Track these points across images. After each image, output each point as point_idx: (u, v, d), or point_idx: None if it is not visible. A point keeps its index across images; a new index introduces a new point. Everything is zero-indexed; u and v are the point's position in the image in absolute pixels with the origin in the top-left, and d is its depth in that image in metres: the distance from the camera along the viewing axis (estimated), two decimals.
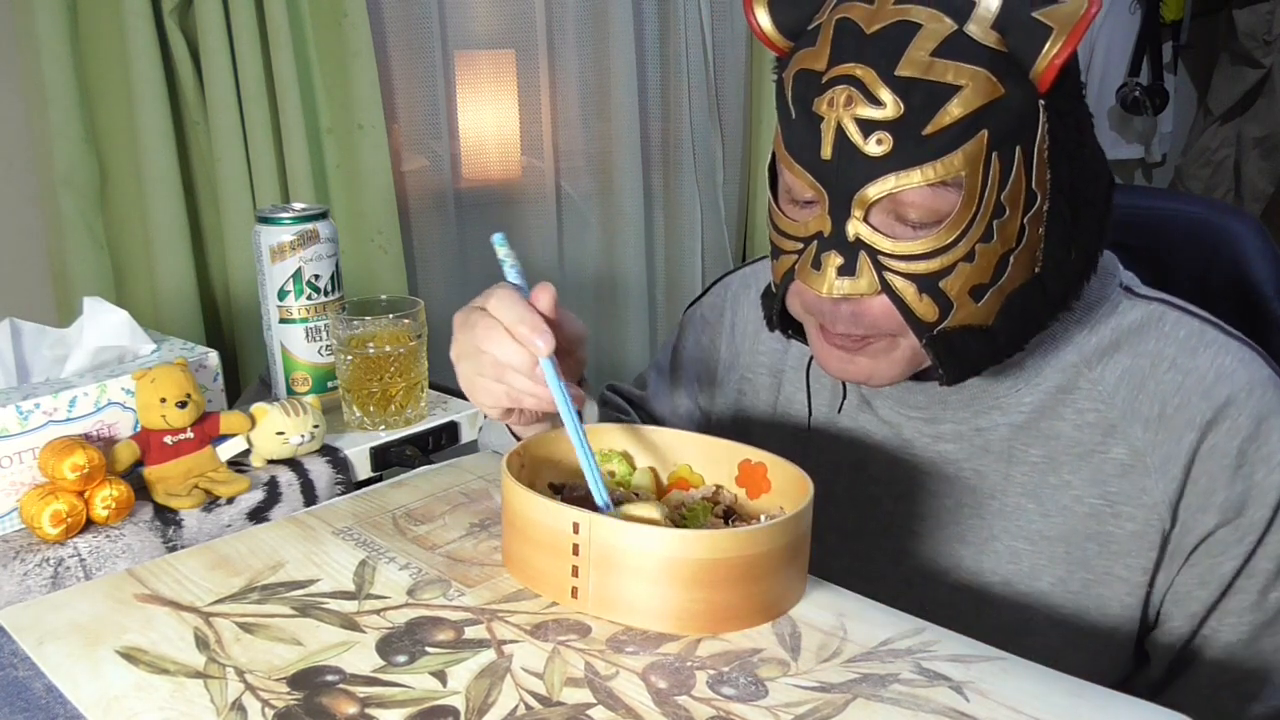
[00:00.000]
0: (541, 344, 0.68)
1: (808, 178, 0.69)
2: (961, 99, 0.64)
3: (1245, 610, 0.73)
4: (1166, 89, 2.70)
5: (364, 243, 1.59)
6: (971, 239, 0.66)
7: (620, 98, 1.86)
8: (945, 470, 0.80)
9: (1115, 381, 0.75)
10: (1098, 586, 0.76)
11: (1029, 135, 0.66)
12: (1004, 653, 0.58)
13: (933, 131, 0.64)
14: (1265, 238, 0.98)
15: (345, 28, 1.50)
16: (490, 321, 0.70)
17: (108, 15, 1.36)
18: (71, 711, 0.54)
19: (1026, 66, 0.65)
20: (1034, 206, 0.68)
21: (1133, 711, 0.53)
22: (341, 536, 0.71)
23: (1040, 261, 0.69)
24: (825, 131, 0.67)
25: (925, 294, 0.68)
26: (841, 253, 0.68)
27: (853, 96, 0.65)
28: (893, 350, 0.72)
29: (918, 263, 0.67)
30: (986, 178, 0.65)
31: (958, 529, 0.79)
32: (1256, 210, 2.78)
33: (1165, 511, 0.73)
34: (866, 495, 0.83)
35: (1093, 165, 0.71)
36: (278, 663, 0.57)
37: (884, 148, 0.65)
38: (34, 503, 0.76)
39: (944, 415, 0.79)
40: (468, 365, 0.73)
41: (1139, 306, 0.77)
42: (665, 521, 0.62)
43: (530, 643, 0.58)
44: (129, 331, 0.89)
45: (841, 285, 0.68)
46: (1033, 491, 0.77)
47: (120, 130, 1.41)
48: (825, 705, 0.53)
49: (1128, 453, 0.74)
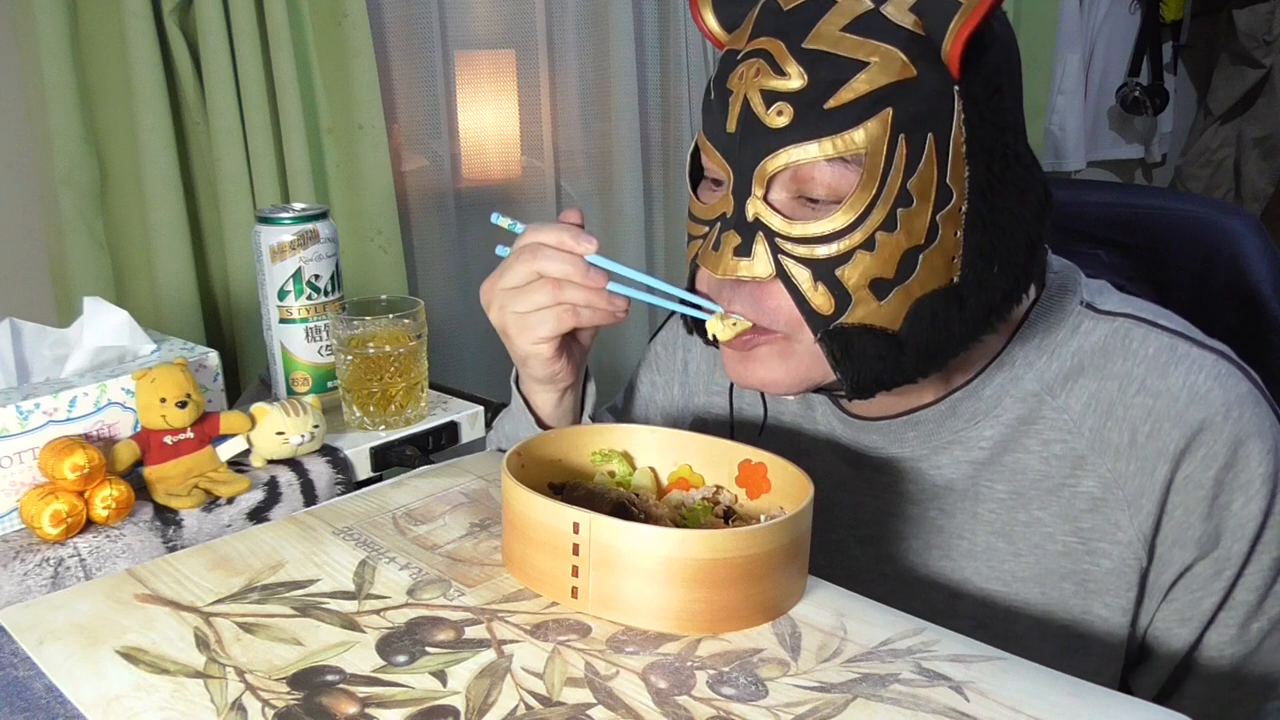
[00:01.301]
0: (589, 243, 0.72)
1: (715, 154, 0.68)
2: (868, 75, 0.63)
3: (1226, 644, 0.72)
4: (1166, 89, 2.70)
5: (364, 243, 1.59)
6: (871, 224, 0.64)
7: (620, 98, 1.86)
8: (909, 511, 0.77)
9: (1081, 409, 0.72)
10: (1077, 628, 0.73)
11: (942, 124, 0.64)
12: (1004, 653, 0.58)
13: (835, 105, 0.63)
14: (1265, 238, 0.98)
15: (345, 28, 1.50)
16: (533, 246, 0.73)
17: (108, 15, 1.36)
18: (71, 711, 0.54)
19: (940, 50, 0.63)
20: (948, 204, 0.65)
21: (1133, 712, 0.53)
22: (341, 536, 0.71)
23: (958, 270, 0.66)
24: (732, 105, 0.66)
25: (821, 283, 0.65)
26: (739, 232, 0.67)
27: (761, 69, 0.65)
28: (789, 356, 0.69)
29: (815, 246, 0.65)
30: (890, 160, 0.63)
31: (927, 572, 0.77)
32: (1256, 210, 2.78)
33: (1141, 549, 0.70)
34: (832, 540, 0.81)
35: (1020, 175, 0.67)
36: (278, 663, 0.57)
37: (785, 119, 0.64)
38: (34, 503, 0.76)
39: (902, 454, 0.77)
40: (517, 304, 0.75)
41: (1102, 325, 0.73)
42: (666, 521, 0.62)
43: (530, 643, 0.58)
44: (129, 331, 0.89)
45: (736, 266, 0.67)
46: (1002, 530, 0.74)
47: (120, 130, 1.41)
48: (825, 705, 0.53)
49: (1098, 485, 0.71)
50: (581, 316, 0.74)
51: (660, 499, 0.71)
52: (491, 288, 0.76)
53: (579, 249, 0.72)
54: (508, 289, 0.75)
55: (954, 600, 0.76)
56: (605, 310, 0.74)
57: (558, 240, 0.73)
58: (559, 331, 0.75)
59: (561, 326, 0.75)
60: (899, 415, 0.77)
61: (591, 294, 0.73)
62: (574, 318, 0.74)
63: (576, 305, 0.74)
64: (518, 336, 0.77)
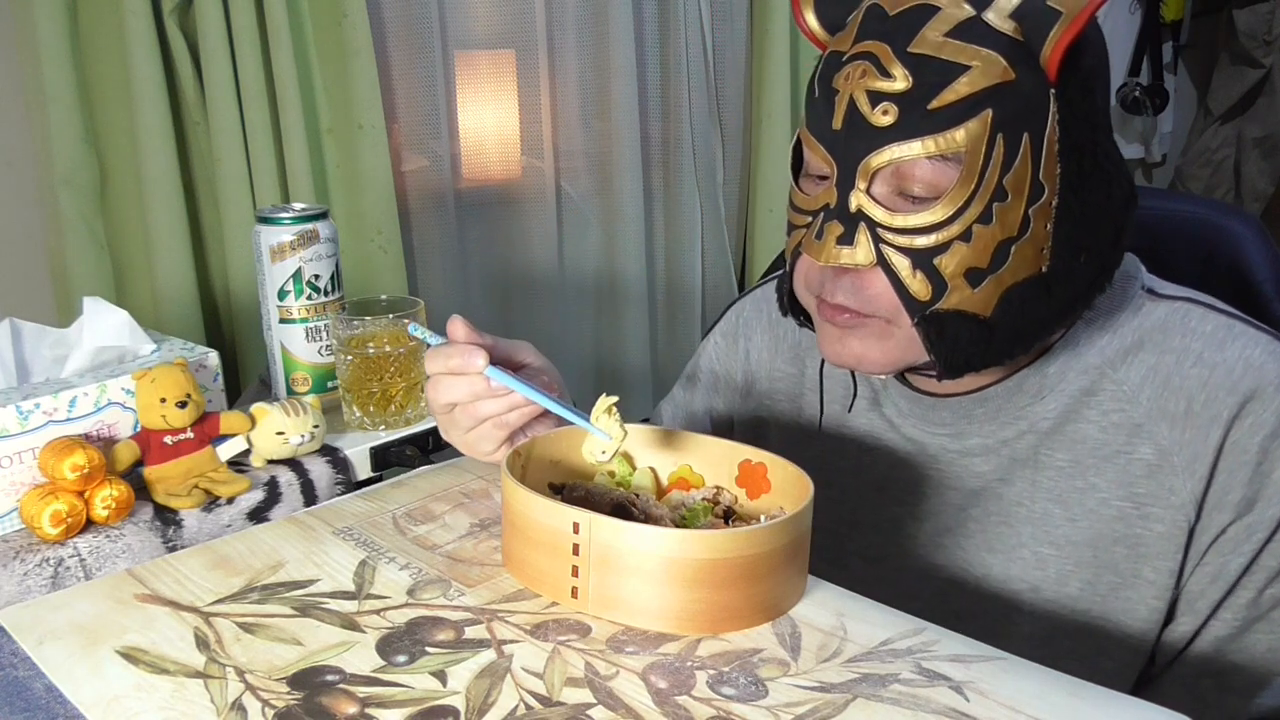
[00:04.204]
0: (476, 360, 0.72)
1: (820, 150, 0.71)
2: (969, 78, 0.66)
3: (1242, 607, 0.73)
4: (1166, 89, 2.70)
5: (364, 243, 1.59)
6: (969, 218, 0.67)
7: (620, 98, 1.86)
8: (972, 484, 0.79)
9: (1140, 380, 0.75)
10: (1126, 590, 0.75)
11: (1038, 123, 0.67)
12: (1004, 653, 0.58)
13: (938, 106, 0.66)
14: (1265, 237, 0.97)
15: (345, 28, 1.50)
16: (434, 380, 0.75)
17: (108, 15, 1.37)
18: (71, 711, 0.54)
19: (1039, 54, 0.66)
20: (1040, 198, 0.68)
21: (1133, 711, 0.53)
22: (341, 536, 0.71)
23: (1047, 260, 0.69)
24: (839, 104, 0.69)
25: (920, 270, 0.68)
26: (842, 222, 0.69)
27: (867, 71, 0.68)
28: (887, 337, 0.72)
29: (914, 237, 0.68)
30: (989, 158, 0.66)
31: (985, 538, 0.79)
32: (1256, 210, 2.78)
33: (1192, 511, 0.72)
34: (889, 517, 0.83)
35: (1109, 171, 0.71)
36: (278, 663, 0.57)
37: (889, 118, 0.67)
38: (34, 503, 0.76)
39: (970, 430, 0.79)
40: (453, 433, 0.78)
41: (1162, 306, 0.76)
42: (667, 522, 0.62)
43: (530, 643, 0.58)
44: (129, 331, 0.89)
45: (839, 254, 0.69)
46: (1059, 497, 0.76)
47: (120, 130, 1.41)
48: (825, 705, 0.53)
49: (1154, 452, 0.73)
50: (509, 421, 0.75)
51: (660, 499, 0.71)
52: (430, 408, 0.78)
53: (471, 368, 0.73)
54: (440, 417, 0.77)
55: (1009, 564, 0.78)
56: (529, 408, 0.75)
57: (449, 368, 0.73)
58: (500, 442, 0.77)
59: (499, 438, 0.76)
60: (968, 393, 0.79)
61: (504, 401, 0.74)
62: (504, 427, 0.75)
63: (499, 415, 0.75)
64: (472, 454, 0.79)
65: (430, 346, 0.77)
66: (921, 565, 0.81)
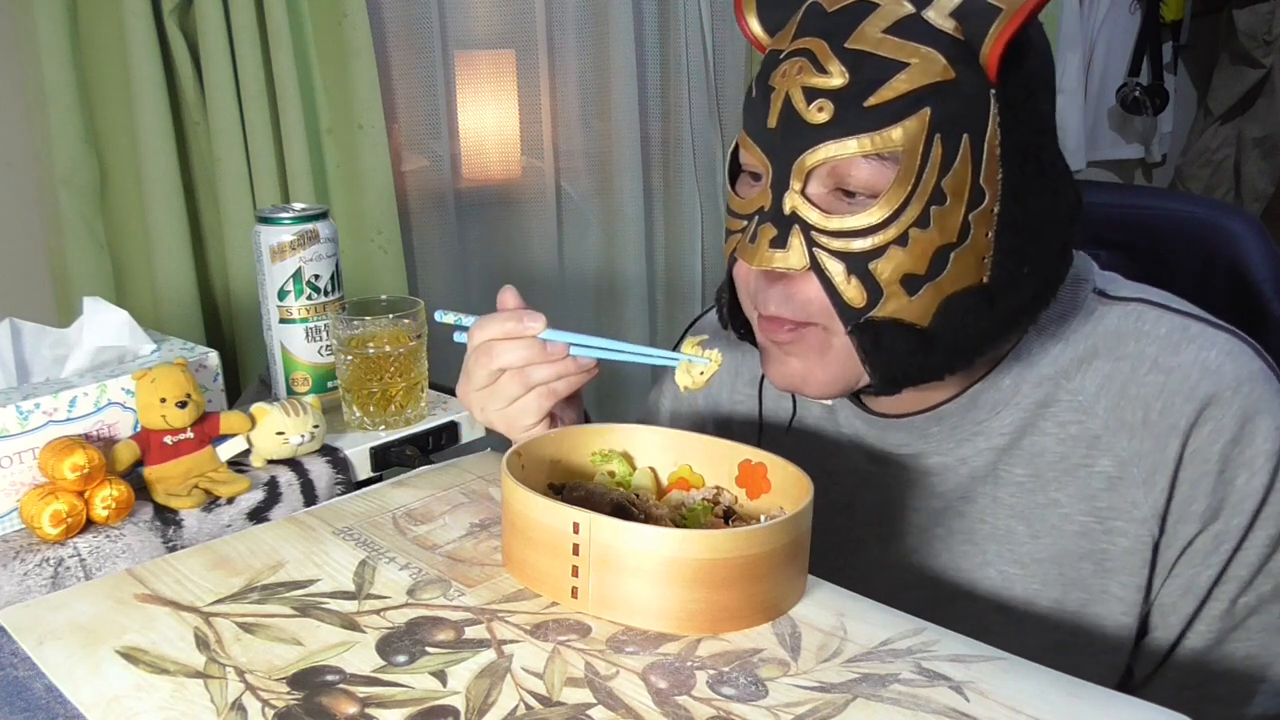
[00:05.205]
0: (535, 322, 0.72)
1: (756, 149, 0.69)
2: (908, 75, 0.64)
3: (1216, 618, 0.72)
4: (1166, 89, 2.69)
5: (364, 243, 1.59)
6: (905, 221, 0.65)
7: (620, 98, 1.86)
8: (933, 504, 0.78)
9: (1096, 390, 0.73)
10: (1094, 605, 0.74)
11: (978, 125, 0.65)
12: (1004, 653, 0.58)
13: (874, 103, 0.65)
14: (1265, 238, 0.98)
15: (345, 28, 1.50)
16: (484, 345, 0.74)
17: (108, 15, 1.36)
18: (71, 711, 0.54)
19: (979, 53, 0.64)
20: (981, 204, 0.66)
21: (1133, 712, 0.53)
22: (341, 536, 0.71)
23: (989, 271, 0.67)
24: (774, 102, 0.68)
25: (854, 276, 0.66)
26: (776, 225, 0.68)
27: (804, 67, 0.67)
28: (826, 350, 0.70)
29: (850, 240, 0.66)
30: (927, 158, 0.65)
31: (951, 557, 0.78)
32: (1256, 210, 2.78)
33: (1154, 525, 0.71)
34: (854, 539, 0.82)
35: (1054, 179, 0.69)
36: (278, 663, 0.57)
37: (825, 115, 0.65)
38: (34, 503, 0.76)
39: (928, 449, 0.78)
40: (493, 402, 0.76)
41: (1115, 310, 0.75)
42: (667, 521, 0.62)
43: (530, 643, 0.58)
44: (129, 331, 0.89)
45: (771, 257, 0.68)
46: (1021, 513, 0.75)
47: (120, 130, 1.41)
48: (825, 705, 0.53)
49: (1114, 464, 0.72)
50: (558, 390, 0.75)
51: (660, 499, 0.71)
52: (466, 392, 0.77)
53: (529, 331, 0.73)
54: (479, 391, 0.76)
55: (974, 583, 0.77)
56: (578, 375, 0.75)
57: (505, 331, 0.73)
58: (543, 414, 0.76)
59: (543, 409, 0.76)
60: (922, 412, 0.77)
61: (558, 367, 0.74)
62: (551, 396, 0.75)
63: (548, 383, 0.75)
64: (508, 430, 0.78)
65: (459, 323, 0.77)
66: (888, 587, 0.80)
